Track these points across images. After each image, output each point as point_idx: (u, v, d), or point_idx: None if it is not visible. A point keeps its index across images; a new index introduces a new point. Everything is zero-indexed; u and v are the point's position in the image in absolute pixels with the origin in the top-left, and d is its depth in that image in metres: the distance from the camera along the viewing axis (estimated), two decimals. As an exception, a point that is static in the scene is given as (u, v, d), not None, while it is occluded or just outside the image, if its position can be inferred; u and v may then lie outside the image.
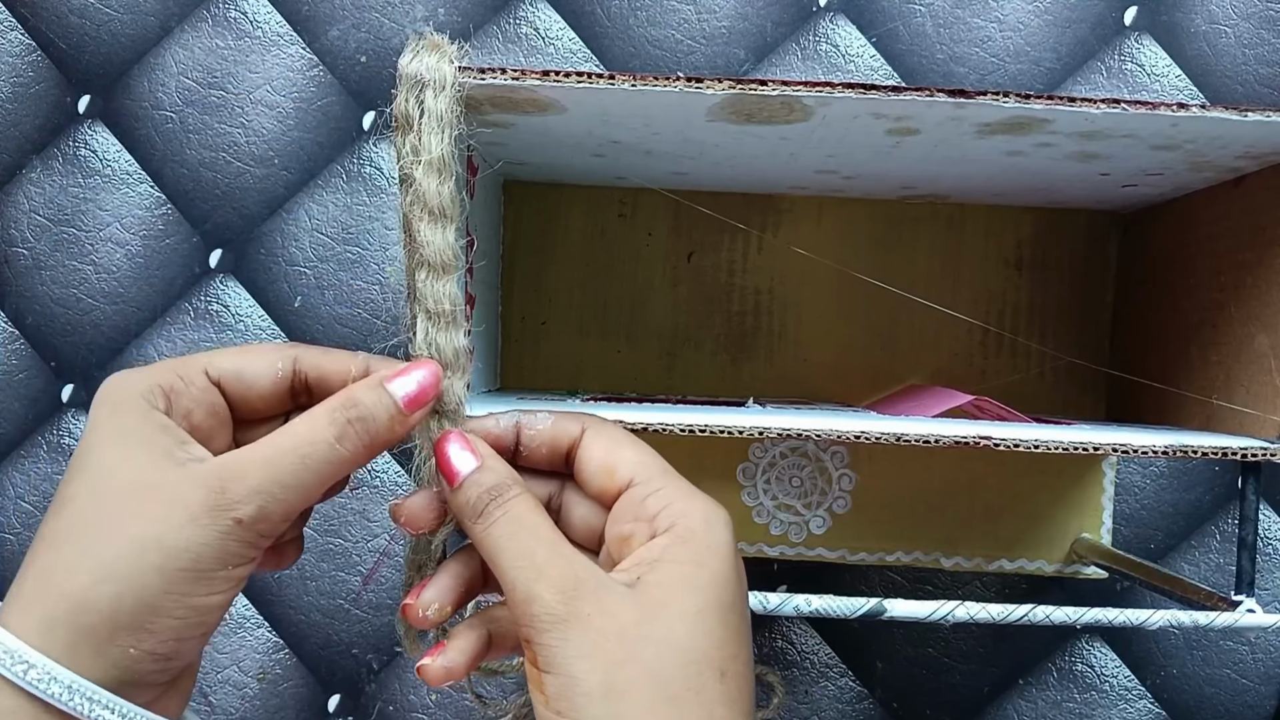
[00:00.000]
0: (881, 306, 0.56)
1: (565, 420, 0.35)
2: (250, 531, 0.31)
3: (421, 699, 0.60)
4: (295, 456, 0.31)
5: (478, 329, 0.49)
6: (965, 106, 0.36)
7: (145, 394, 0.32)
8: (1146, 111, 0.36)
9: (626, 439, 0.34)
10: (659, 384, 0.57)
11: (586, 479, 0.34)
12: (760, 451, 0.56)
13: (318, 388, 0.35)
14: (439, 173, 0.34)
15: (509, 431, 0.35)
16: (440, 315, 0.34)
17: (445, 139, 0.34)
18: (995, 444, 0.39)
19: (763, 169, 0.48)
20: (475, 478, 0.33)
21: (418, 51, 0.35)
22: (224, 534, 0.30)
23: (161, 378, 0.33)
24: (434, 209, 0.34)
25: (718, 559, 0.32)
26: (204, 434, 0.33)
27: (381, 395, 0.33)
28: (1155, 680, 0.59)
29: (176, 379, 0.33)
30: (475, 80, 0.35)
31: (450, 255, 0.34)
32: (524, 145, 0.45)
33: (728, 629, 0.31)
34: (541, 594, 0.30)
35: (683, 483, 0.33)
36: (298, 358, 0.35)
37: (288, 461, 0.31)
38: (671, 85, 0.35)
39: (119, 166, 0.61)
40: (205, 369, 0.34)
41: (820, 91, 0.35)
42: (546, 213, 0.56)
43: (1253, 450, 0.40)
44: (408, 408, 0.33)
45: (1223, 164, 0.44)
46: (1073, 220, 0.56)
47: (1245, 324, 0.45)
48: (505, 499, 0.32)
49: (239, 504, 0.30)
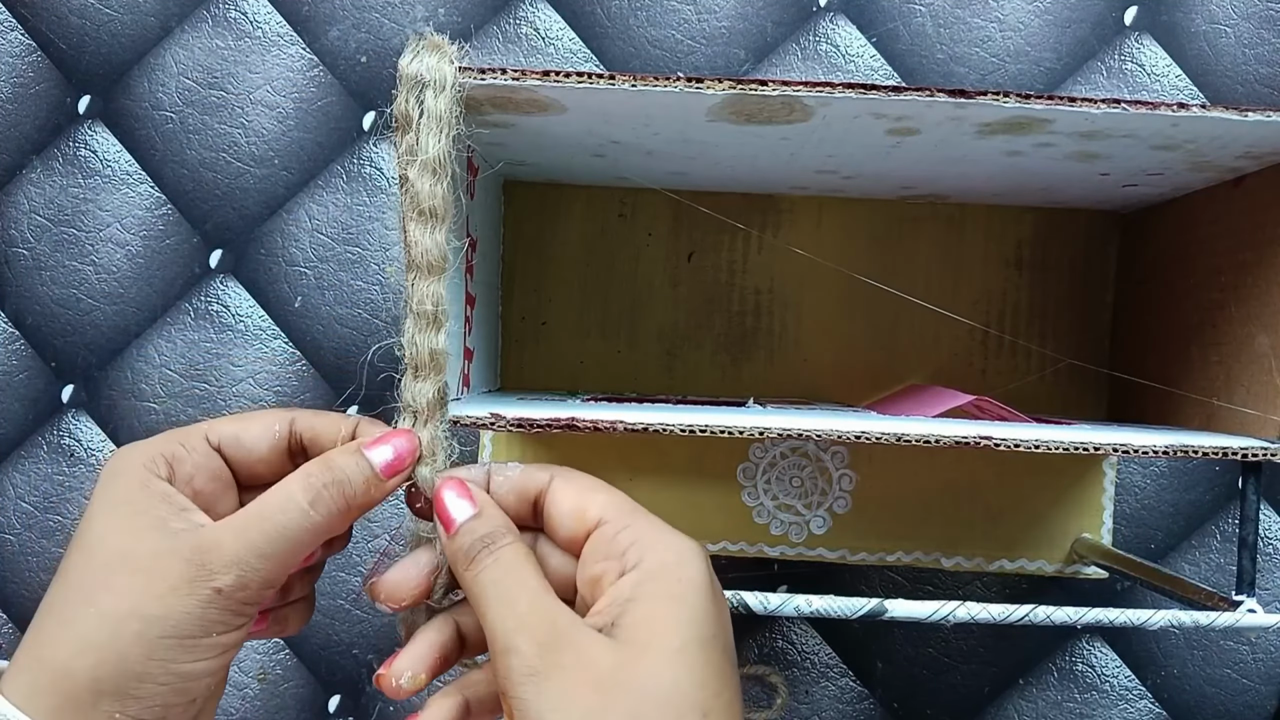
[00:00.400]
0: (882, 307, 0.56)
1: (534, 470, 0.35)
2: (230, 600, 0.31)
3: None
4: (271, 525, 0.32)
5: (478, 329, 0.49)
6: (965, 106, 0.36)
7: (147, 463, 0.33)
8: (1147, 111, 0.36)
9: (597, 485, 0.34)
10: (659, 384, 0.57)
11: (556, 526, 0.34)
12: (760, 451, 0.56)
13: (312, 449, 0.35)
14: (434, 173, 0.34)
15: (479, 479, 0.35)
16: (423, 315, 0.34)
17: (443, 139, 0.34)
18: (996, 444, 0.39)
19: (763, 169, 0.48)
20: (470, 525, 0.33)
21: (418, 52, 0.35)
22: (204, 603, 0.31)
23: (164, 447, 0.34)
24: (425, 209, 0.34)
25: (693, 591, 0.31)
26: (208, 499, 0.34)
27: (359, 460, 0.33)
28: (1156, 680, 0.59)
29: (179, 447, 0.34)
30: (475, 80, 0.35)
31: (438, 256, 0.34)
32: (524, 145, 0.45)
33: (709, 666, 0.30)
34: (520, 646, 0.30)
35: (653, 520, 0.33)
36: (294, 420, 0.35)
37: (263, 529, 0.32)
38: (672, 85, 0.35)
39: (119, 167, 0.61)
40: (206, 435, 0.35)
41: (820, 92, 0.35)
42: (546, 213, 0.56)
43: (1253, 450, 0.40)
44: (385, 474, 0.34)
45: (1223, 164, 0.44)
46: (1073, 220, 0.56)
47: (1245, 324, 0.45)
48: (497, 546, 0.32)
49: (218, 574, 0.31)
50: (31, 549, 0.60)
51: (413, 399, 0.35)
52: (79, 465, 0.60)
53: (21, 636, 0.58)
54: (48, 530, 0.60)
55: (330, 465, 0.33)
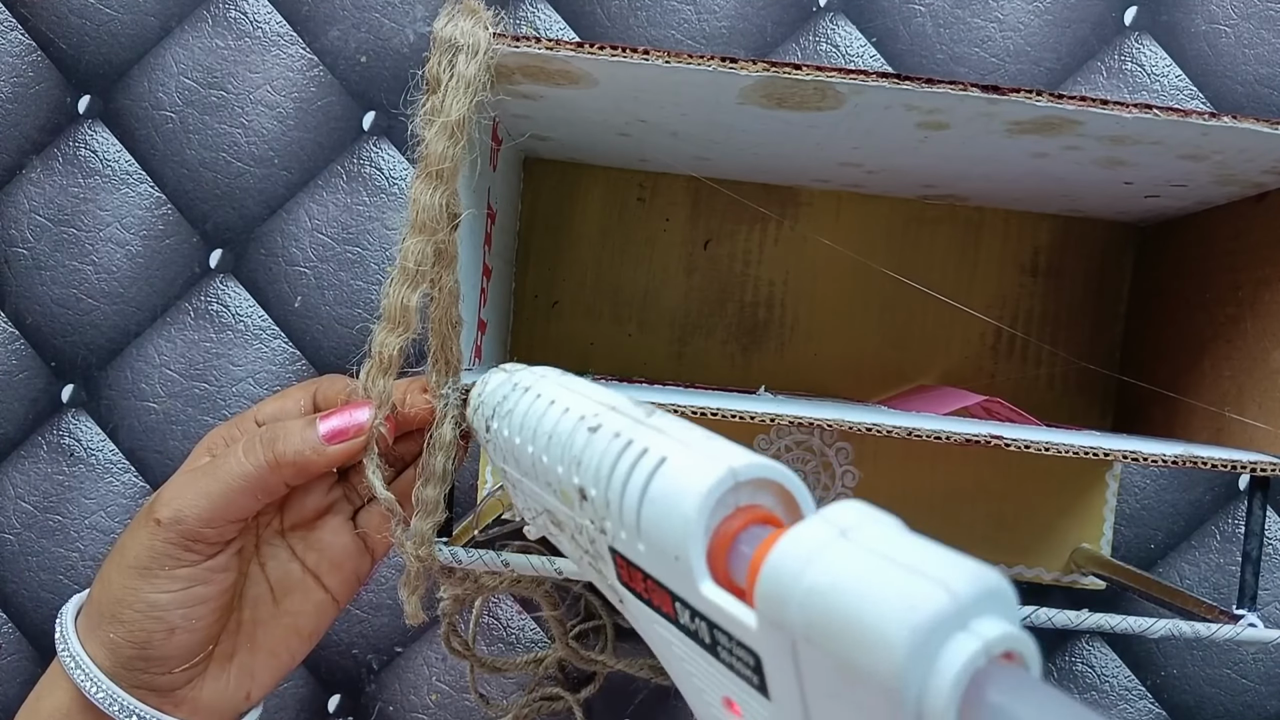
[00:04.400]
0: (894, 305, 0.56)
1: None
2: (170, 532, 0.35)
3: (421, 699, 0.60)
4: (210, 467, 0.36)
5: (491, 303, 0.49)
6: (998, 103, 0.36)
7: (209, 447, 0.39)
8: (1178, 118, 0.36)
9: None
10: (668, 370, 0.57)
11: None
12: (765, 444, 0.55)
13: None
14: (451, 136, 0.34)
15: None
16: (405, 271, 0.35)
17: (466, 104, 0.34)
18: (1006, 444, 0.39)
19: (788, 157, 0.48)
20: None
21: (453, 15, 0.35)
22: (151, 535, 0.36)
23: (225, 431, 0.40)
24: (434, 171, 0.34)
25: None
26: None
27: (305, 426, 0.37)
28: (1155, 680, 0.59)
29: (235, 430, 0.39)
30: (509, 48, 0.35)
31: (432, 217, 0.35)
32: (551, 118, 0.45)
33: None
34: None
35: None
36: (316, 390, 0.40)
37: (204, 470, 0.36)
38: (705, 64, 0.35)
39: (119, 166, 0.61)
40: (255, 418, 0.39)
41: (854, 79, 0.35)
42: (565, 192, 0.56)
43: (1262, 465, 0.40)
44: (327, 439, 0.37)
45: (1247, 178, 0.44)
46: (1091, 230, 0.56)
47: (1260, 339, 0.45)
48: None
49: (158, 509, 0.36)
50: (31, 549, 0.60)
51: (379, 349, 0.36)
52: (79, 465, 0.60)
53: (21, 636, 0.59)
54: (47, 530, 0.60)
55: (275, 425, 0.37)
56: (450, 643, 0.54)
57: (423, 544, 0.38)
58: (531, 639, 0.60)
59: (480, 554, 0.39)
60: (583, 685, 0.59)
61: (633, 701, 0.59)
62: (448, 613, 0.51)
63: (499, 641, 0.60)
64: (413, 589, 0.38)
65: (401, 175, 0.60)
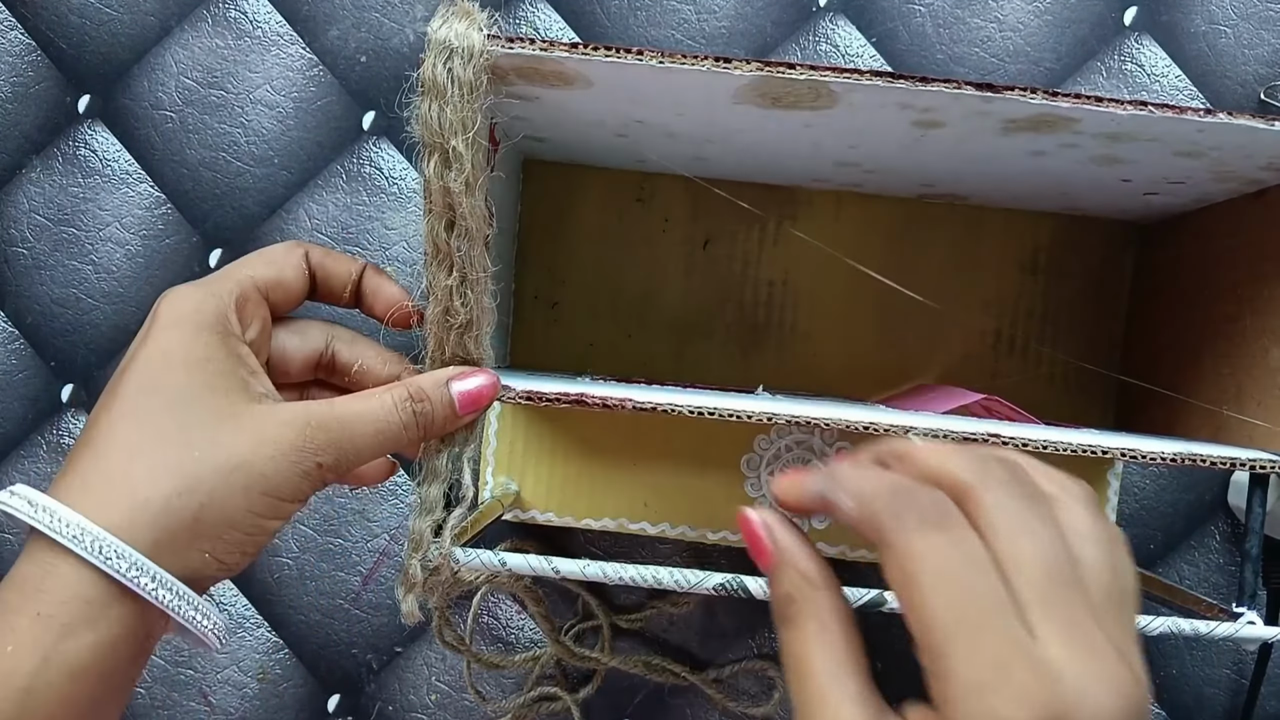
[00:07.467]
0: (893, 305, 0.56)
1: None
2: (324, 475, 0.35)
3: (421, 699, 0.60)
4: (372, 427, 0.36)
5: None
6: (992, 101, 0.36)
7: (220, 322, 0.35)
8: (1173, 115, 0.36)
9: None
10: (668, 371, 0.57)
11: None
12: (765, 444, 0.55)
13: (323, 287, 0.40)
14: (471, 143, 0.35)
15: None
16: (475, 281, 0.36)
17: (472, 108, 0.35)
18: (1004, 442, 0.39)
19: (785, 157, 0.48)
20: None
21: (447, 18, 0.35)
22: (304, 473, 0.34)
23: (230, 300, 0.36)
24: (469, 180, 0.35)
25: None
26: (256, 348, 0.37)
27: (443, 394, 0.37)
28: (1155, 680, 0.59)
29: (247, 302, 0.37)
30: (503, 49, 0.35)
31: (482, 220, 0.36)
32: (548, 120, 0.45)
33: None
34: None
35: None
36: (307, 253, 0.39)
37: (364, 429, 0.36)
38: (699, 64, 0.35)
39: (119, 166, 0.61)
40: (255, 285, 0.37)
41: (847, 78, 0.35)
42: (564, 194, 0.56)
43: (1261, 462, 0.40)
44: (462, 409, 0.37)
45: (1246, 175, 0.43)
46: (1091, 228, 0.56)
47: (1260, 337, 0.45)
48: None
49: (321, 451, 0.34)
50: (31, 551, 0.60)
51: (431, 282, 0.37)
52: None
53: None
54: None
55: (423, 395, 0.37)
56: (443, 635, 0.54)
57: (421, 544, 0.38)
58: (531, 639, 0.60)
59: (478, 553, 0.39)
60: (581, 685, 0.59)
61: (631, 702, 0.59)
62: (437, 605, 0.51)
63: (498, 641, 0.60)
64: (409, 588, 0.38)
65: (401, 175, 0.61)
